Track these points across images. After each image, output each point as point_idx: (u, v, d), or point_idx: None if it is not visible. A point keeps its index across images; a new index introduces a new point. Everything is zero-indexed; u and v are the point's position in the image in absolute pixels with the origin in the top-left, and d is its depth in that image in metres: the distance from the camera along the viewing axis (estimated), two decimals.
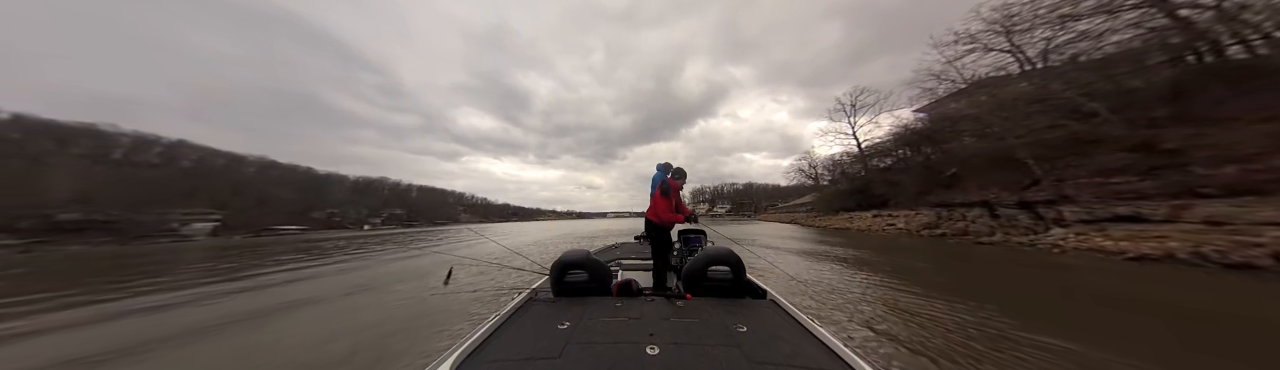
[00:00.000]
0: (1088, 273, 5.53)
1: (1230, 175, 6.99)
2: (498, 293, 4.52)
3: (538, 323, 1.43)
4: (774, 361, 1.05)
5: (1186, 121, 8.68)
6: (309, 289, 6.13)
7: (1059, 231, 8.57)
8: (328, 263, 10.01)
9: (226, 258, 12.62)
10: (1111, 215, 8.04)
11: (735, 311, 1.52)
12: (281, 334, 3.73)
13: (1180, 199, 7.24)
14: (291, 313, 4.57)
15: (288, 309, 4.75)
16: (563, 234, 22.70)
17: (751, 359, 1.07)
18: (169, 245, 28.27)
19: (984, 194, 11.89)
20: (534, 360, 1.08)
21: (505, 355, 1.14)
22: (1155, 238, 6.71)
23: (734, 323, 1.36)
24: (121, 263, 12.55)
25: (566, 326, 1.35)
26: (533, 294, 1.98)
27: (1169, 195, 7.53)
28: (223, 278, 7.62)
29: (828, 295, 4.33)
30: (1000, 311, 3.53)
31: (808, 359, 1.08)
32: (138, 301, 5.52)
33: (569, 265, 1.84)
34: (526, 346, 1.20)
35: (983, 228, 10.84)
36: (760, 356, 1.08)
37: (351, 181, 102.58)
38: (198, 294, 5.97)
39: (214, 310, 4.82)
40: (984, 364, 2.42)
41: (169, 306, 5.11)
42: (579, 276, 1.83)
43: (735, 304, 1.64)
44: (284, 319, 4.29)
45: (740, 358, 1.07)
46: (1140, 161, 8.69)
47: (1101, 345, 2.69)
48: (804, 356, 1.10)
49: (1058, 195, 9.50)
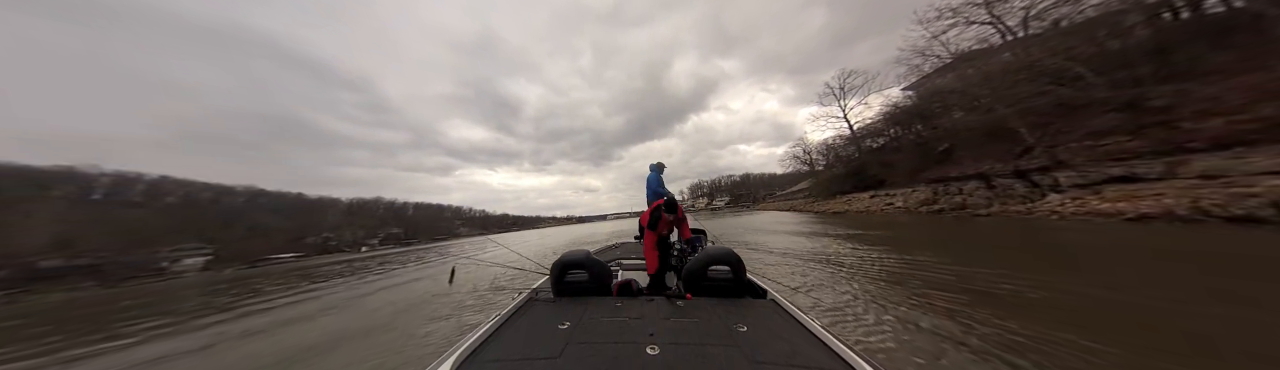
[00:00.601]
0: (1083, 240, 5.34)
1: (1218, 128, 6.92)
2: (499, 293, 4.41)
3: (538, 323, 1.42)
4: (774, 361, 1.05)
5: (1169, 79, 8.64)
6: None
7: (1055, 197, 8.47)
8: (287, 298, 9.34)
9: (200, 297, 12.08)
10: (1106, 177, 7.95)
11: (735, 311, 1.51)
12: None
13: (1172, 156, 7.16)
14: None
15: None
16: (562, 242, 22.35)
17: (751, 359, 1.06)
18: (154, 285, 27.38)
19: (979, 166, 11.82)
20: (534, 360, 1.08)
21: (505, 355, 1.13)
22: (1152, 196, 6.61)
23: (734, 322, 1.36)
24: (88, 311, 11.90)
25: (567, 326, 1.35)
26: (533, 294, 1.97)
27: (1160, 152, 7.46)
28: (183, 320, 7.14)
29: (815, 290, 4.10)
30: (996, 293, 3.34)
31: (808, 359, 1.08)
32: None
33: (569, 265, 1.82)
34: (527, 346, 1.20)
35: (980, 200, 10.75)
36: (760, 356, 1.08)
37: (345, 204, 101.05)
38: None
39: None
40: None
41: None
42: (579, 276, 1.82)
43: (735, 304, 1.63)
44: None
45: (740, 357, 1.07)
46: (1129, 121, 8.63)
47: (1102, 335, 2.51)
48: (804, 356, 1.09)
49: (1052, 161, 9.42)
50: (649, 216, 2.54)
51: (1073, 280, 3.35)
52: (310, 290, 9.80)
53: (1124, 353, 2.05)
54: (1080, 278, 3.41)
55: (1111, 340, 2.19)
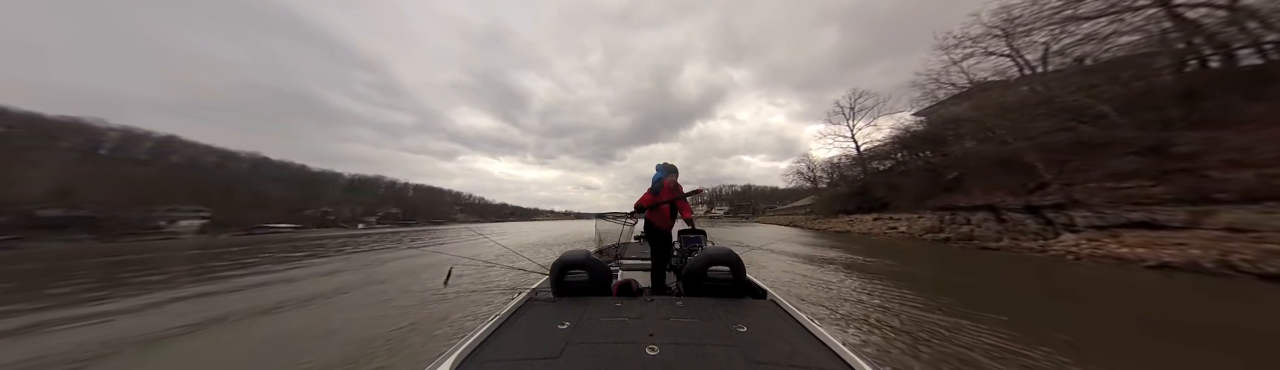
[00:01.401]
0: (1119, 286, 5.11)
1: (1248, 180, 6.75)
2: (498, 293, 4.33)
3: (538, 323, 1.42)
4: (774, 361, 1.05)
5: (1199, 126, 8.48)
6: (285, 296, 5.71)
7: (1070, 237, 8.30)
8: (311, 264, 9.52)
9: (207, 258, 12.12)
10: (1125, 221, 7.78)
11: (735, 311, 1.51)
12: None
13: (1195, 205, 7.00)
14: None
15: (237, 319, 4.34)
16: (558, 235, 22.24)
17: (751, 359, 1.06)
18: (153, 243, 27.53)
19: (989, 198, 11.64)
20: (534, 360, 1.08)
21: (505, 355, 1.13)
22: (1174, 245, 6.44)
23: (734, 323, 1.36)
24: (82, 263, 11.98)
25: (566, 326, 1.34)
26: (533, 294, 1.95)
27: (1183, 201, 7.29)
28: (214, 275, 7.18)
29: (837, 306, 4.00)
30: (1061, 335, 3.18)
31: (808, 359, 1.07)
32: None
33: (569, 265, 1.81)
34: (526, 346, 1.20)
35: (989, 232, 10.58)
36: (760, 356, 1.08)
37: (346, 180, 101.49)
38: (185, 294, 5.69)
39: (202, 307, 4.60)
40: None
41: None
42: (579, 276, 1.81)
43: (735, 304, 1.62)
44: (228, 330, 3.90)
45: (740, 357, 1.07)
46: (1151, 166, 8.46)
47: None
48: (804, 356, 1.09)
49: (1067, 199, 9.25)
50: (655, 185, 2.56)
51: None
52: (310, 264, 9.75)
53: None
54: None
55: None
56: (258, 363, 2.95)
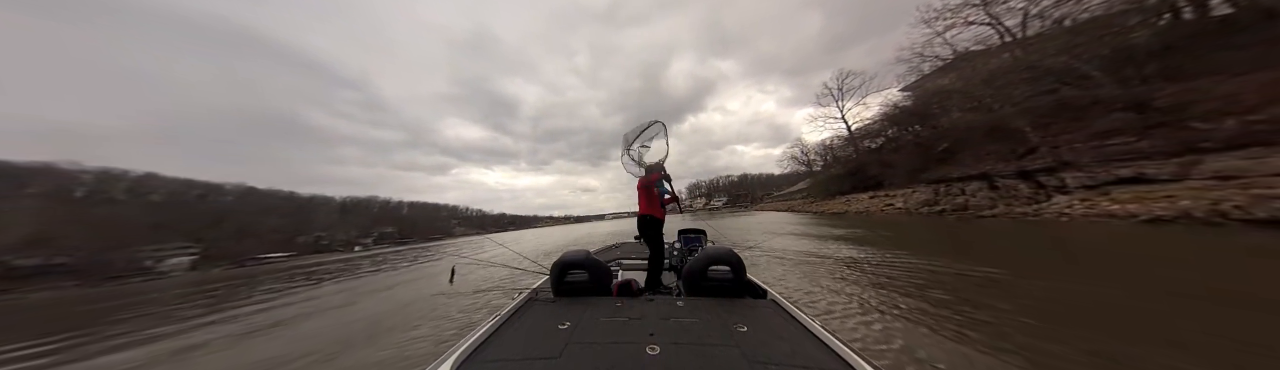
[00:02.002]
0: (1102, 244, 5.06)
1: (1231, 128, 6.71)
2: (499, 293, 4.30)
3: (538, 323, 1.42)
4: (774, 361, 1.05)
5: (1177, 78, 8.45)
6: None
7: (1062, 199, 8.26)
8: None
9: (186, 297, 11.63)
10: (1115, 178, 7.75)
11: (735, 311, 1.50)
12: None
13: (1182, 156, 6.96)
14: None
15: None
16: (559, 242, 21.99)
17: (751, 359, 1.06)
18: (138, 285, 26.64)
19: (980, 166, 11.63)
20: (534, 360, 1.08)
21: (505, 355, 1.14)
22: (1164, 197, 6.40)
23: (734, 322, 1.36)
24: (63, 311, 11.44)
25: (567, 326, 1.35)
26: (533, 294, 1.96)
27: (1170, 153, 7.26)
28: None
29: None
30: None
31: (808, 359, 1.07)
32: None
33: (569, 265, 1.81)
34: (527, 346, 1.20)
35: (983, 201, 10.55)
36: (760, 356, 1.08)
37: (338, 203, 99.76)
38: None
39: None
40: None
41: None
42: (579, 276, 1.82)
43: (735, 304, 1.62)
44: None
45: (740, 358, 1.07)
46: (1136, 121, 8.43)
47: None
48: (804, 356, 1.09)
49: (1057, 161, 9.22)
50: (642, 181, 2.69)
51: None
52: (295, 292, 9.37)
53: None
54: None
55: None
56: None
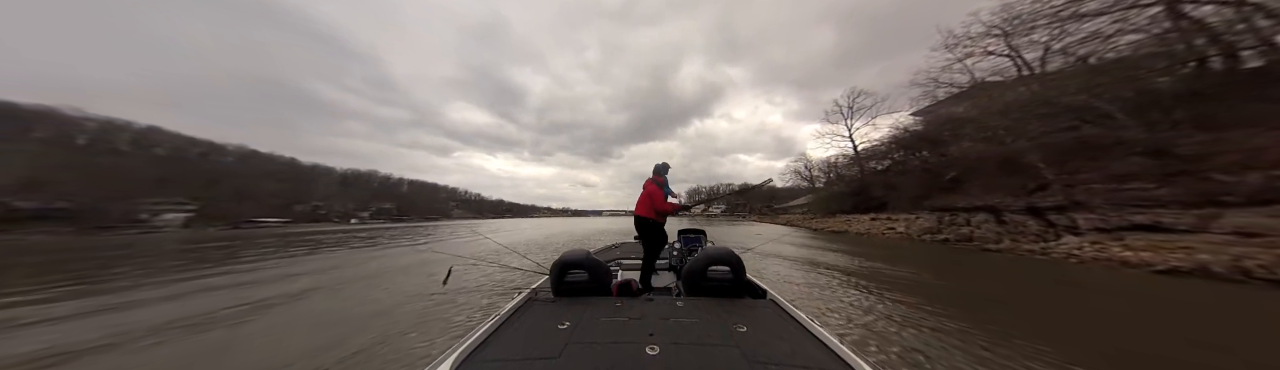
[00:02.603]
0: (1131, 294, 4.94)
1: (1256, 183, 6.64)
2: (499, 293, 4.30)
3: (538, 323, 1.42)
4: (774, 361, 1.05)
5: (1205, 126, 8.36)
6: None
7: (1073, 240, 8.19)
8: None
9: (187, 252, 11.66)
10: (1129, 224, 7.67)
11: (735, 311, 1.51)
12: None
13: (1202, 208, 6.89)
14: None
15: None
16: (554, 234, 21.92)
17: (751, 359, 1.06)
18: (134, 237, 26.75)
19: (988, 199, 11.54)
20: (534, 360, 1.08)
21: (505, 355, 1.14)
22: (1181, 249, 6.32)
23: (734, 323, 1.36)
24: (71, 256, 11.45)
25: (566, 326, 1.35)
26: (533, 294, 1.97)
27: (1189, 203, 7.18)
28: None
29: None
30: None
31: (808, 359, 1.07)
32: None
33: (569, 265, 1.81)
34: (526, 346, 1.20)
35: (988, 234, 10.47)
36: (760, 356, 1.08)
37: (339, 174, 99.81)
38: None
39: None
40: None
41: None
42: (579, 276, 1.81)
43: (735, 304, 1.62)
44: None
45: (740, 358, 1.07)
46: (1155, 167, 8.34)
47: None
48: (804, 356, 1.09)
49: (1068, 201, 9.14)
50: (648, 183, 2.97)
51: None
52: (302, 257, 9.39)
53: None
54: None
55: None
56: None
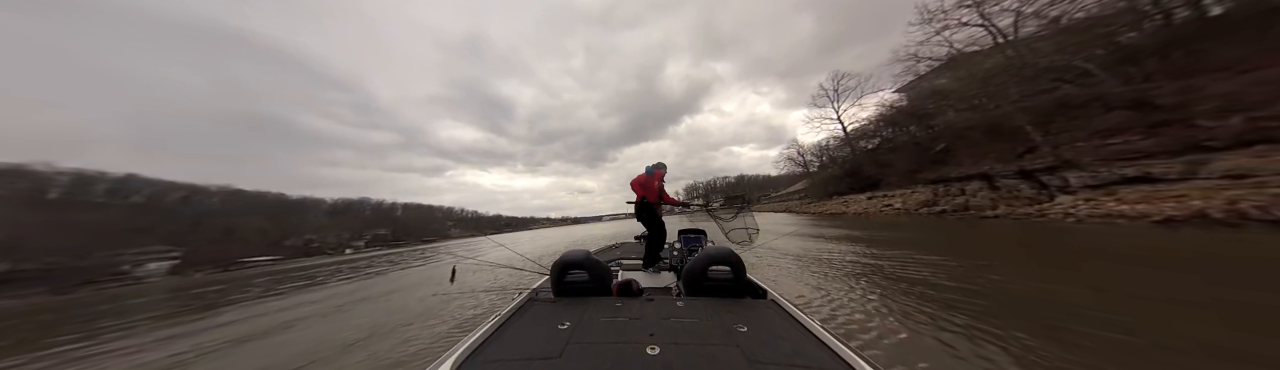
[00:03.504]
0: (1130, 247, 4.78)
1: (1238, 126, 6.57)
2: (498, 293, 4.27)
3: (538, 323, 1.42)
4: (774, 361, 1.05)
5: (1179, 75, 8.34)
6: None
7: (1066, 199, 8.08)
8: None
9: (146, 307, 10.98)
10: (1119, 177, 7.58)
11: (735, 311, 1.50)
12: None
13: (1188, 155, 6.80)
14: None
15: None
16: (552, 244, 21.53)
17: (752, 359, 1.05)
18: (113, 291, 25.58)
19: (980, 166, 11.48)
20: (534, 360, 1.08)
21: (505, 355, 1.14)
22: (1173, 197, 6.21)
23: (734, 322, 1.35)
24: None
25: (567, 326, 1.35)
26: (533, 294, 1.98)
27: (1175, 152, 7.10)
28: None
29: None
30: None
31: (808, 359, 1.07)
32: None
33: (569, 265, 1.81)
34: (527, 346, 1.19)
35: (984, 201, 10.37)
36: (761, 356, 1.07)
37: (329, 204, 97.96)
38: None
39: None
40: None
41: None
42: (579, 276, 1.81)
43: (736, 304, 1.62)
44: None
45: (740, 358, 1.06)
46: (1139, 119, 8.30)
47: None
48: (804, 356, 1.08)
49: (1058, 161, 9.06)
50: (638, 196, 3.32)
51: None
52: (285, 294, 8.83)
53: None
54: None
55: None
56: None
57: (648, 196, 3.29)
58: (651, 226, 3.34)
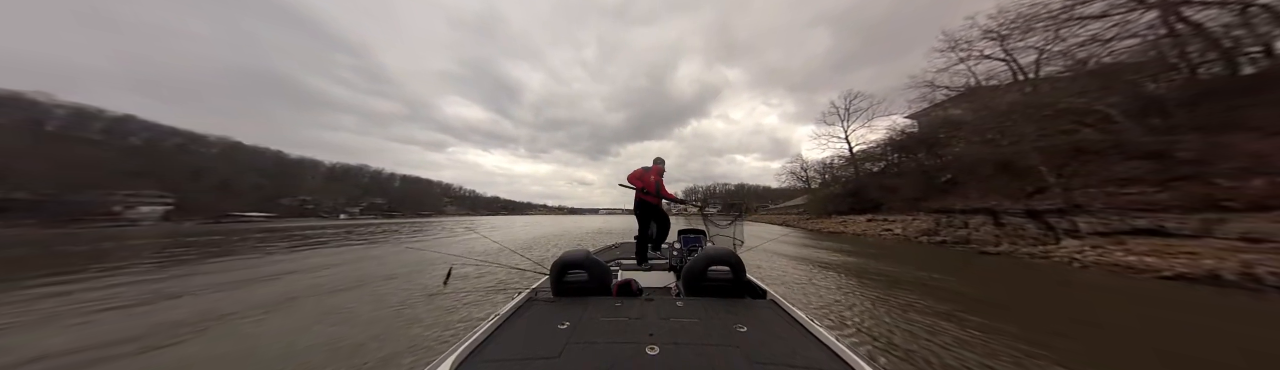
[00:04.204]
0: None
1: (1259, 188, 6.59)
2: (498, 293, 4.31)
3: (537, 323, 1.42)
4: (774, 361, 1.04)
5: (1206, 131, 8.31)
6: None
7: (1073, 243, 8.11)
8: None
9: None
10: (1130, 228, 7.59)
11: (735, 311, 1.50)
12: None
13: (1203, 212, 6.82)
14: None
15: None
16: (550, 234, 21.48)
17: (751, 359, 1.06)
18: (104, 230, 25.60)
19: (985, 201, 11.49)
20: (533, 360, 1.08)
21: (505, 355, 1.13)
22: (1184, 254, 6.23)
23: (734, 323, 1.35)
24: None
25: (566, 326, 1.34)
26: (532, 294, 1.97)
27: (1191, 208, 7.11)
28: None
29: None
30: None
31: (808, 359, 1.07)
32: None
33: (569, 265, 1.80)
34: (526, 346, 1.19)
35: (986, 236, 10.40)
36: (760, 356, 1.07)
37: (327, 167, 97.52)
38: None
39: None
40: None
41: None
42: (579, 276, 1.80)
43: (735, 304, 1.62)
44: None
45: (740, 358, 1.07)
46: (1156, 171, 8.30)
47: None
48: (804, 356, 1.09)
49: (1068, 204, 9.08)
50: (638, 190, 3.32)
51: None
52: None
53: None
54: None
55: None
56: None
57: (646, 188, 3.27)
58: (645, 222, 3.27)
